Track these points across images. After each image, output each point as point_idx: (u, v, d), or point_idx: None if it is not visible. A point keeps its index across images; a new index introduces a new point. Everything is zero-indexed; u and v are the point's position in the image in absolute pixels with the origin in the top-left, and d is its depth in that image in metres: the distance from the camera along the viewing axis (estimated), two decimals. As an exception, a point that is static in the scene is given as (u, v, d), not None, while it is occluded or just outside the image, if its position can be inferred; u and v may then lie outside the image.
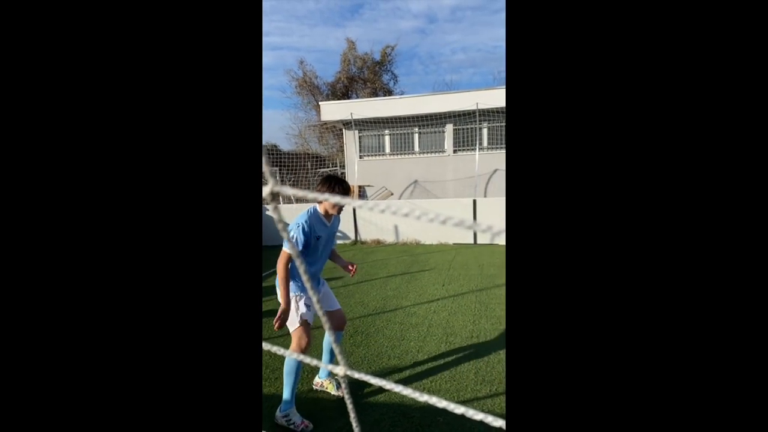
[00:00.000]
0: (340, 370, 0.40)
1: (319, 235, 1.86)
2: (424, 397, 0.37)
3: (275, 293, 1.89)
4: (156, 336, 0.39)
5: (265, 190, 0.29)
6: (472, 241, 6.21)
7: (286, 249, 1.77)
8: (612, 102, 0.34)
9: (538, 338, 0.35)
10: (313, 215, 1.87)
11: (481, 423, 1.85)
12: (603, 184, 0.34)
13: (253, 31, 0.40)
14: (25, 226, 0.37)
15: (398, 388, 0.38)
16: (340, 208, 1.93)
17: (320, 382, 2.18)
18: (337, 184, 1.83)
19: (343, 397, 1.95)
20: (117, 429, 0.37)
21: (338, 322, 2.06)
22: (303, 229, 1.80)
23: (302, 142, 15.71)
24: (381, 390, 2.15)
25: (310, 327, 1.87)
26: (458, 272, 4.52)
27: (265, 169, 0.31)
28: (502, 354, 2.50)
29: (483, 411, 1.82)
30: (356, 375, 0.40)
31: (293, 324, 1.85)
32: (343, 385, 0.40)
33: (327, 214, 1.89)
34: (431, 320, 3.11)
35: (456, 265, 4.90)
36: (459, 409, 0.36)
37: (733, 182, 0.31)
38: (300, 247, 1.78)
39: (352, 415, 0.40)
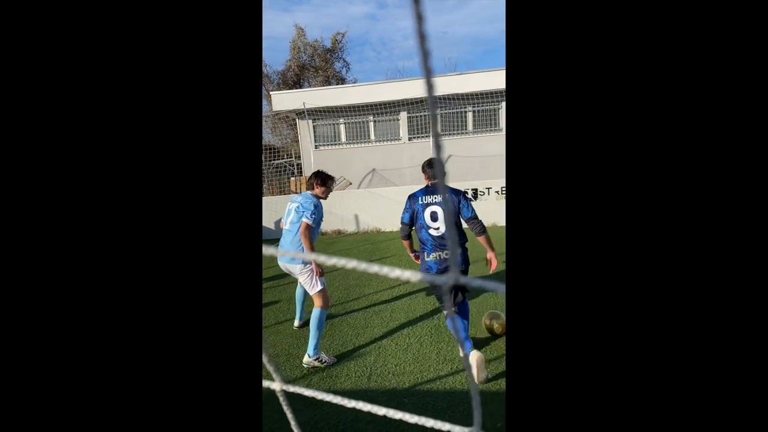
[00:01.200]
0: (276, 386, 0.39)
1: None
2: (351, 404, 0.38)
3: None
4: (154, 333, 0.38)
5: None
6: (430, 227, 6.36)
7: (307, 220, 2.34)
8: (611, 100, 0.34)
9: (539, 338, 0.34)
10: (315, 198, 2.53)
11: (444, 399, 1.95)
12: (604, 182, 0.34)
13: (253, 25, 0.39)
14: (19, 220, 0.36)
15: (329, 397, 0.39)
16: (327, 196, 2.65)
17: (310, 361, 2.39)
18: (327, 176, 2.65)
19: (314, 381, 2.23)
20: (116, 426, 0.37)
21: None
22: (320, 207, 2.48)
23: (254, 134, 15.10)
24: (348, 378, 2.19)
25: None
26: (418, 257, 4.64)
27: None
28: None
29: (445, 388, 1.91)
30: (291, 389, 0.40)
31: (316, 287, 2.44)
32: (281, 399, 0.40)
33: (318, 199, 2.57)
34: (393, 306, 3.18)
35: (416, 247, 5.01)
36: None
37: (733, 180, 0.31)
38: (318, 224, 2.42)
39: (292, 423, 0.40)
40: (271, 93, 8.43)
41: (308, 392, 0.39)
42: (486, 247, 2.25)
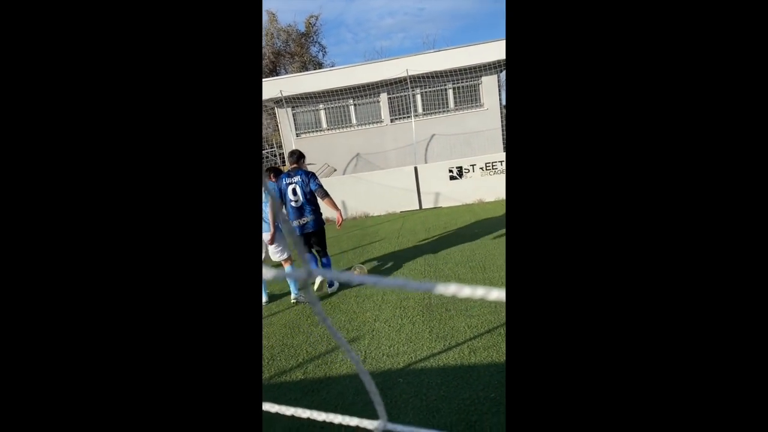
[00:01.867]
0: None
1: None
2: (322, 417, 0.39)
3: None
4: (152, 328, 0.38)
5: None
6: (417, 207, 6.38)
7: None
8: (612, 96, 0.34)
9: (538, 338, 0.34)
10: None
11: (438, 375, 1.99)
12: (605, 181, 0.34)
13: (253, 20, 0.39)
14: (16, 215, 0.36)
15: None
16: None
17: (295, 298, 3.14)
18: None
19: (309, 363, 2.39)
20: (114, 424, 0.37)
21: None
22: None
23: (234, 126, 14.78)
24: (342, 364, 2.22)
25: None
26: (407, 239, 4.66)
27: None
28: (453, 310, 2.66)
29: (439, 365, 1.94)
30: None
31: (283, 255, 3.18)
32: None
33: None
34: (385, 289, 3.20)
35: (405, 232, 5.03)
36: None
37: (734, 180, 0.31)
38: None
39: None
40: (246, 82, 8.20)
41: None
42: (331, 209, 3.14)
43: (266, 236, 2.98)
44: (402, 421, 1.70)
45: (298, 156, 3.17)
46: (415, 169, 6.25)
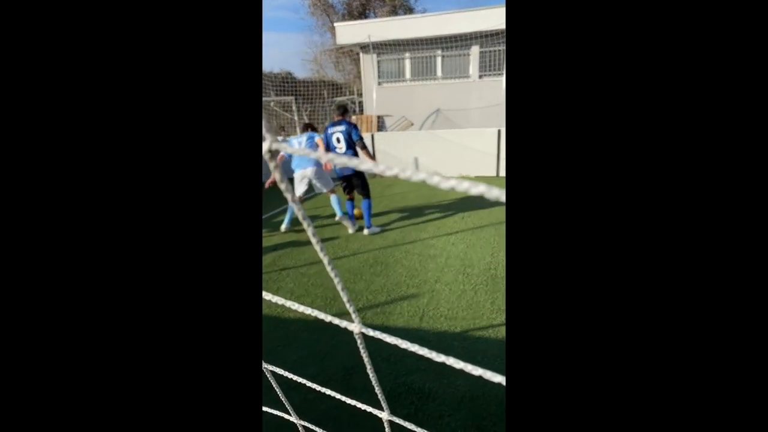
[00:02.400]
0: (355, 327, 0.42)
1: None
2: (404, 345, 0.40)
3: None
4: (151, 326, 0.39)
5: (264, 146, 0.28)
6: (494, 174, 6.04)
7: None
8: (614, 94, 0.34)
9: (538, 338, 0.35)
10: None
11: (496, 346, 1.94)
12: (607, 176, 0.34)
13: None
14: (14, 213, 0.37)
15: (405, 345, 0.40)
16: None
17: (338, 218, 3.74)
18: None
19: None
20: (112, 423, 0.38)
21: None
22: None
23: (318, 69, 14.93)
24: (400, 316, 2.27)
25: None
26: (474, 204, 4.47)
27: (264, 124, 0.31)
28: (519, 285, 2.54)
29: (498, 337, 1.89)
30: (371, 333, 0.42)
31: (329, 185, 3.71)
32: (358, 341, 0.43)
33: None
34: (449, 252, 3.15)
35: (476, 197, 4.83)
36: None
37: (734, 181, 0.31)
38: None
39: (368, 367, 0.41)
40: (335, 24, 8.07)
41: (388, 338, 0.42)
42: (366, 156, 3.61)
43: (310, 170, 3.55)
44: (453, 386, 1.70)
45: (344, 110, 3.53)
46: (498, 132, 5.84)
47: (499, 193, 0.26)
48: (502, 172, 5.92)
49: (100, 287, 0.38)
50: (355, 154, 3.49)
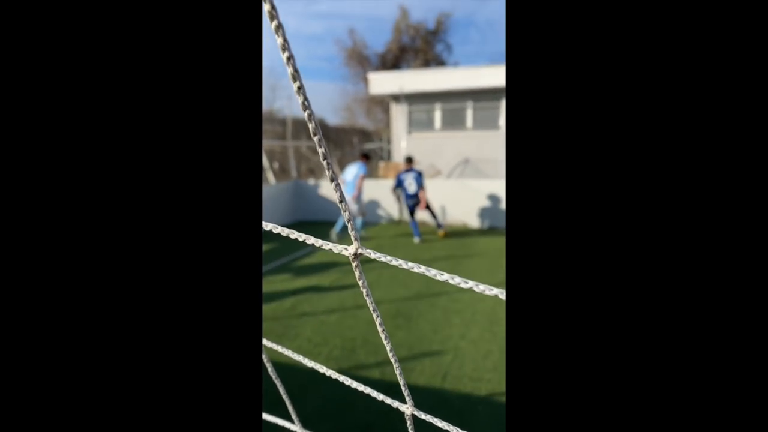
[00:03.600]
0: (407, 409, 0.41)
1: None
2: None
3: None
4: (150, 328, 0.39)
5: (351, 250, 0.32)
6: (522, 225, 5.92)
7: (363, 173, 5.07)
8: (613, 98, 0.34)
9: (538, 338, 0.35)
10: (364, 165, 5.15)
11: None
12: (606, 181, 0.34)
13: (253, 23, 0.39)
14: (13, 213, 0.37)
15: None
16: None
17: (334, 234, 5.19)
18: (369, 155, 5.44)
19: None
20: (112, 427, 0.38)
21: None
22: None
23: (349, 116, 15.67)
24: (421, 374, 2.15)
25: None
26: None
27: (352, 233, 0.35)
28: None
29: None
30: (422, 416, 0.41)
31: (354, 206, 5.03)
32: (408, 423, 0.43)
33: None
34: (476, 307, 3.02)
35: (503, 252, 4.71)
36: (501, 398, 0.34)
37: (734, 182, 0.32)
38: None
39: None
40: (368, 74, 8.55)
41: (440, 423, 0.41)
42: (423, 197, 5.16)
43: (349, 196, 4.98)
44: (478, 462, 1.55)
45: (410, 160, 5.27)
46: (527, 183, 5.79)
47: (498, 292, 0.28)
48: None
49: (100, 310, 0.38)
50: (418, 193, 5.16)
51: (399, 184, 5.14)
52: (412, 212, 5.26)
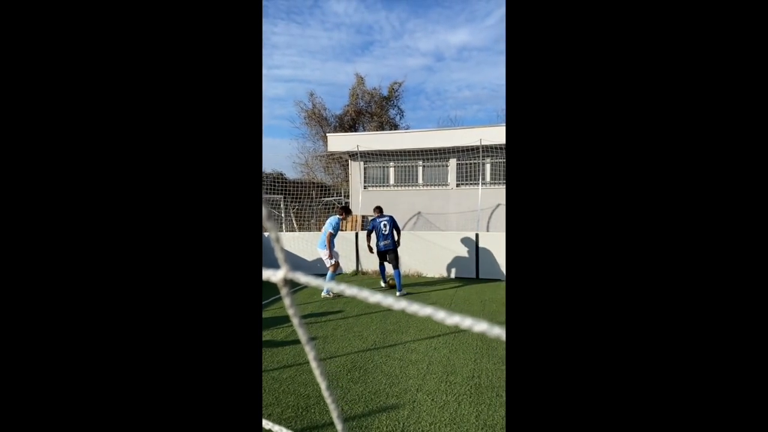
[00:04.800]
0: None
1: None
2: None
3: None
4: (152, 332, 0.39)
5: (278, 276, 0.30)
6: (474, 276, 6.14)
7: (331, 231, 4.95)
8: (610, 105, 0.35)
9: (538, 338, 0.35)
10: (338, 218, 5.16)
11: (482, 471, 1.75)
12: (603, 184, 0.35)
13: (253, 51, 0.41)
14: (16, 215, 0.36)
15: None
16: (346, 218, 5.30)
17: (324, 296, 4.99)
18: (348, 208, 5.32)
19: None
20: (114, 428, 0.37)
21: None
22: (337, 224, 5.08)
23: (308, 171, 15.94)
24: (378, 431, 2.07)
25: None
26: (460, 307, 4.44)
27: (279, 254, 0.33)
28: (504, 397, 2.41)
29: (484, 459, 1.72)
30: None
31: (330, 262, 4.94)
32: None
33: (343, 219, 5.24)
34: (431, 357, 3.02)
35: (458, 299, 4.82)
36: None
37: (733, 182, 0.31)
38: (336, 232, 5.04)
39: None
40: (327, 135, 8.95)
41: None
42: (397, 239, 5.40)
43: (324, 252, 4.99)
44: None
45: (380, 209, 5.56)
46: (477, 235, 6.12)
47: (499, 332, 0.27)
48: (482, 275, 6.02)
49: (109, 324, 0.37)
50: (393, 237, 5.32)
51: (373, 229, 5.39)
52: (383, 258, 5.40)
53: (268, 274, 0.34)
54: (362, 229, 7.49)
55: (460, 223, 7.70)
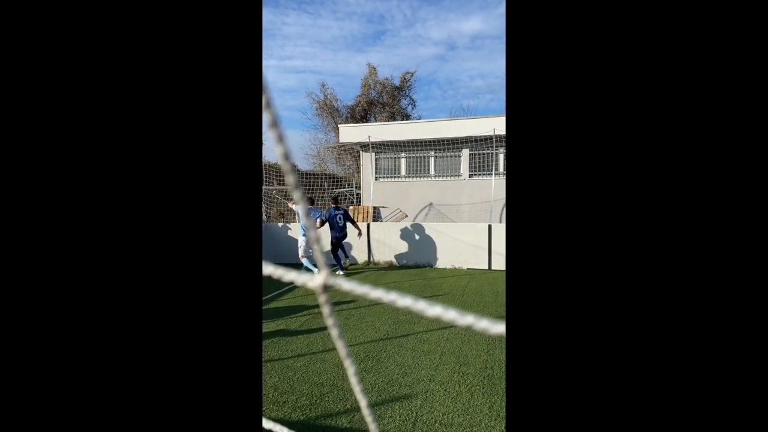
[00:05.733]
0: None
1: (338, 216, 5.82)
2: None
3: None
4: (152, 332, 0.39)
5: (317, 280, 0.30)
6: (486, 267, 6.10)
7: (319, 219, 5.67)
8: (610, 105, 0.35)
9: (538, 339, 0.35)
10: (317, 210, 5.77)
11: (495, 462, 1.76)
12: (603, 184, 0.35)
13: (253, 48, 0.40)
14: (19, 219, 0.37)
15: None
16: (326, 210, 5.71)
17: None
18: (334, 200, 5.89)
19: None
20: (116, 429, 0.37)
21: None
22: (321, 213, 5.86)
23: (320, 163, 15.98)
24: (392, 420, 2.09)
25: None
26: (472, 298, 4.43)
27: (319, 257, 0.32)
28: (517, 388, 2.40)
29: (498, 449, 1.72)
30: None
31: (299, 252, 5.57)
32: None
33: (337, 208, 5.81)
34: (444, 348, 3.03)
35: (470, 291, 4.80)
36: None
37: (733, 183, 0.32)
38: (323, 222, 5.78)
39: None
40: (339, 126, 8.92)
41: None
42: (355, 228, 5.92)
43: (302, 240, 5.50)
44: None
45: (336, 199, 5.95)
46: (489, 227, 6.07)
47: (502, 329, 0.27)
48: (494, 266, 5.99)
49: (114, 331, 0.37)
50: (346, 228, 5.81)
51: (327, 220, 5.72)
52: (336, 247, 5.87)
53: (305, 279, 0.33)
54: (373, 220, 7.50)
55: (473, 215, 7.63)
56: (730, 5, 0.32)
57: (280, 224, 6.98)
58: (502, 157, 7.56)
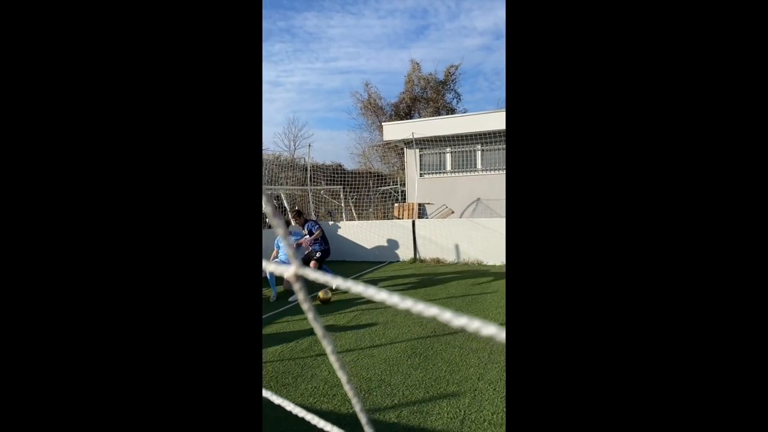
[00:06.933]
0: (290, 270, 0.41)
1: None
2: None
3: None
4: (152, 332, 0.39)
5: (289, 271, 0.30)
6: (539, 264, 5.84)
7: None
8: (610, 105, 0.35)
9: (538, 339, 0.35)
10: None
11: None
12: (603, 184, 0.35)
13: (253, 47, 0.40)
14: (22, 221, 0.37)
15: None
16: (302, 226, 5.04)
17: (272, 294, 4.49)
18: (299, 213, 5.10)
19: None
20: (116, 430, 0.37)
21: None
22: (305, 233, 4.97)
23: (365, 161, 16.23)
24: (439, 417, 2.08)
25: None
26: (523, 296, 4.26)
27: (289, 251, 0.32)
28: (573, 390, 2.28)
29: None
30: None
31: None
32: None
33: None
34: (493, 346, 2.95)
35: (521, 288, 4.62)
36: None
37: (733, 182, 0.31)
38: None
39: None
40: (382, 124, 8.99)
41: None
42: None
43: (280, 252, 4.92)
44: (500, 508, 1.47)
45: (299, 213, 5.12)
46: (541, 222, 5.79)
47: (497, 331, 0.27)
48: (548, 263, 5.71)
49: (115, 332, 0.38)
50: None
51: (322, 230, 4.97)
52: (320, 262, 4.91)
53: (281, 270, 0.34)
54: (419, 217, 7.47)
55: (523, 209, 7.33)
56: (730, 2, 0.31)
57: (330, 222, 7.19)
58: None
